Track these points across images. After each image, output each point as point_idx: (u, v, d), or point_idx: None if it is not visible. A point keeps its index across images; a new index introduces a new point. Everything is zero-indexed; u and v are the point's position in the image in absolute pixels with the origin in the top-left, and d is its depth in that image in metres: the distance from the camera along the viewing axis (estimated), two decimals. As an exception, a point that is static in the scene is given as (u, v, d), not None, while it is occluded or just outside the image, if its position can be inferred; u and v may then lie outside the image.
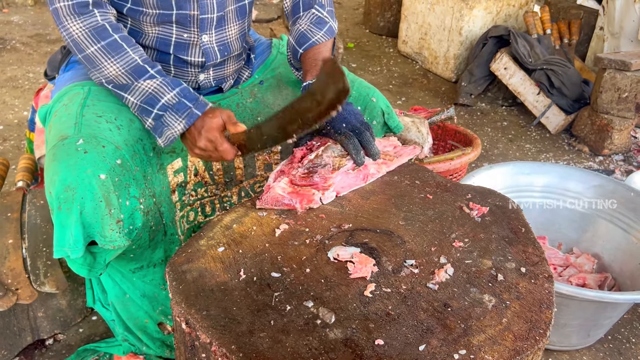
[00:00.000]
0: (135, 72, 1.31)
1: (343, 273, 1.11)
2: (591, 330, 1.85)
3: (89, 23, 1.29)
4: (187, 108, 1.32)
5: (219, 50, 1.51)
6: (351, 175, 1.38)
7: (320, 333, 0.97)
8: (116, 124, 1.34)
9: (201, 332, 0.97)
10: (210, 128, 1.30)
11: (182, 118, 1.31)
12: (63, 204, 1.17)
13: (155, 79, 1.32)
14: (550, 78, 3.43)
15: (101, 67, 1.31)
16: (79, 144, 1.24)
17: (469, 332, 0.98)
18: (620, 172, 3.06)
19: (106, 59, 1.30)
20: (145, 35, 1.44)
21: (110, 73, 1.31)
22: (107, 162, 1.23)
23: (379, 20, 5.09)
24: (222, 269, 1.11)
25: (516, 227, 1.28)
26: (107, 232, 1.20)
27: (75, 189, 1.17)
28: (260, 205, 1.29)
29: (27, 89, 3.67)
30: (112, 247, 1.22)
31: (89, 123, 1.31)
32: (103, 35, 1.30)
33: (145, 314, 1.58)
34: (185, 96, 1.33)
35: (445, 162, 2.23)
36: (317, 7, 1.54)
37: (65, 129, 1.30)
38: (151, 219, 1.38)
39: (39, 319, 1.73)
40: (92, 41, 1.29)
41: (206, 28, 1.45)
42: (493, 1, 3.96)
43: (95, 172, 1.20)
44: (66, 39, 1.31)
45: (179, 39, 1.45)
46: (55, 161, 1.21)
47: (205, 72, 1.54)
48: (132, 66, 1.31)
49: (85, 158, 1.21)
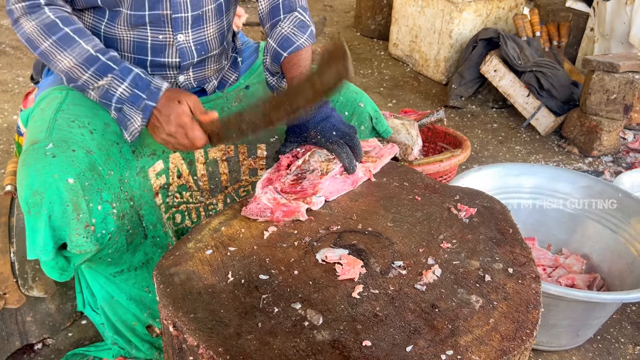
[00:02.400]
0: (88, 61, 1.31)
1: (331, 275, 1.11)
2: (580, 331, 1.86)
3: (41, 20, 1.30)
4: (140, 100, 1.32)
5: (196, 49, 1.48)
6: (339, 180, 1.38)
7: (308, 335, 0.97)
8: (89, 128, 1.34)
9: (188, 334, 0.97)
10: (179, 114, 1.29)
11: (138, 110, 1.32)
12: (32, 208, 1.18)
13: (108, 74, 1.32)
14: (539, 80, 3.45)
15: (56, 61, 1.31)
16: (48, 148, 1.24)
17: (456, 332, 0.98)
18: (609, 173, 3.08)
19: (59, 52, 1.30)
20: (121, 41, 1.42)
21: (65, 66, 1.31)
22: (76, 167, 1.23)
23: (370, 23, 5.10)
24: (209, 272, 1.11)
25: (504, 228, 1.29)
26: (73, 236, 1.21)
27: (42, 194, 1.18)
28: (245, 214, 1.27)
29: (16, 92, 3.65)
30: (78, 251, 1.23)
31: (60, 127, 1.31)
32: (54, 30, 1.30)
33: (133, 317, 1.58)
34: (137, 85, 1.32)
35: (434, 164, 2.24)
36: (299, 10, 1.50)
37: (37, 133, 1.30)
38: (128, 223, 1.37)
39: (28, 323, 1.72)
40: (45, 37, 1.30)
41: (180, 27, 1.43)
42: (482, 4, 3.98)
43: (63, 177, 1.20)
44: (21, 39, 1.33)
45: (154, 41, 1.43)
46: (25, 166, 1.22)
47: (184, 73, 1.52)
48: (85, 57, 1.31)
49: (53, 162, 1.21)
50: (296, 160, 1.37)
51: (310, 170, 1.34)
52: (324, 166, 1.36)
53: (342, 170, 1.38)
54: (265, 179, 1.35)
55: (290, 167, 1.36)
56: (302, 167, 1.35)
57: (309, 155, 1.37)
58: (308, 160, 1.36)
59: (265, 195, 1.29)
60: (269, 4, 1.51)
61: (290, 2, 1.49)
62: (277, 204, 1.27)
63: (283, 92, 1.15)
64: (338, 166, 1.37)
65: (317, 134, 1.38)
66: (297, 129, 1.40)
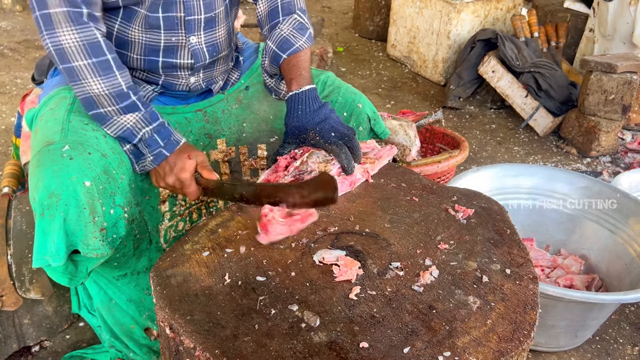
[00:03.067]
0: (119, 96, 1.29)
1: (328, 276, 1.11)
2: (579, 331, 1.86)
3: (85, 36, 1.24)
4: (157, 146, 1.34)
5: (207, 51, 1.50)
6: (337, 181, 1.37)
7: (305, 337, 0.97)
8: (102, 132, 1.33)
9: (185, 336, 0.96)
10: (183, 169, 1.33)
11: (151, 154, 1.34)
12: (46, 210, 1.15)
13: (134, 113, 1.31)
14: (537, 81, 3.45)
15: (84, 82, 1.27)
16: (65, 150, 1.22)
17: (453, 333, 0.98)
18: (607, 174, 3.08)
19: (92, 76, 1.26)
20: (133, 42, 1.42)
21: (93, 91, 1.27)
22: (92, 170, 1.22)
23: (368, 25, 5.10)
24: (206, 274, 1.11)
25: (501, 229, 1.28)
26: (90, 240, 1.19)
27: (59, 196, 1.15)
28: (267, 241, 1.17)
29: (14, 94, 3.64)
30: (94, 255, 1.21)
31: (75, 129, 1.30)
32: (96, 52, 1.25)
33: (132, 320, 1.57)
34: (159, 132, 1.34)
35: (432, 165, 2.24)
36: (298, 12, 1.51)
37: (52, 134, 1.28)
38: (136, 228, 1.37)
39: (25, 325, 1.72)
40: (84, 55, 1.24)
41: (193, 30, 1.44)
42: (481, 5, 3.98)
43: (80, 179, 1.18)
44: (49, 48, 1.25)
45: (167, 43, 1.44)
46: (40, 167, 1.20)
47: (195, 74, 1.53)
48: (116, 90, 1.29)
49: (71, 164, 1.19)
50: (294, 161, 1.37)
51: (308, 171, 1.34)
52: (322, 167, 1.35)
53: (340, 171, 1.38)
54: (263, 180, 1.35)
55: (288, 169, 1.36)
56: (300, 168, 1.35)
57: (307, 156, 1.37)
58: (306, 161, 1.36)
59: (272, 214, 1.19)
60: (267, 6, 1.51)
61: (289, 5, 1.50)
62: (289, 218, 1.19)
63: (277, 187, 1.20)
64: (336, 167, 1.37)
65: (316, 134, 1.39)
66: (295, 130, 1.41)
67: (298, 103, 1.41)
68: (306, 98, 1.41)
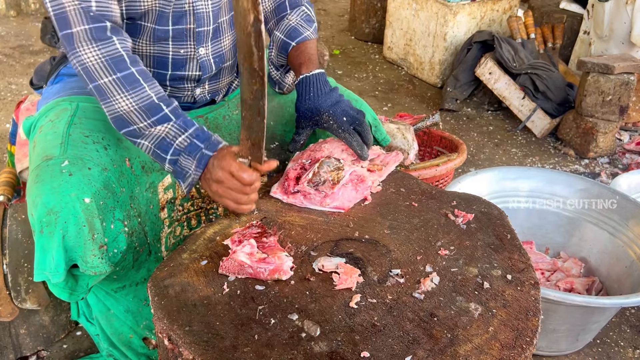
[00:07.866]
0: (150, 109, 1.23)
1: (328, 284, 1.10)
2: (580, 335, 1.85)
3: (108, 51, 1.20)
4: (198, 150, 1.24)
5: (214, 62, 1.49)
6: (349, 188, 1.37)
7: (305, 346, 0.95)
8: (103, 144, 1.31)
9: (184, 348, 0.95)
10: (222, 156, 1.22)
11: (194, 159, 1.24)
12: (45, 227, 1.14)
13: (168, 123, 1.25)
14: (534, 82, 3.45)
15: (112, 100, 1.21)
16: (64, 165, 1.20)
17: (455, 341, 0.97)
18: (605, 175, 3.08)
19: (119, 91, 1.21)
20: (141, 56, 1.38)
21: (122, 108, 1.22)
22: (92, 186, 1.20)
23: (364, 27, 5.09)
24: (205, 283, 1.10)
25: (502, 234, 1.27)
26: (88, 257, 1.18)
27: (58, 213, 1.14)
28: (222, 271, 1.12)
29: (9, 101, 3.62)
30: (92, 272, 1.20)
31: (75, 143, 1.27)
32: (120, 67, 1.21)
33: (130, 329, 1.56)
34: (197, 137, 1.26)
35: (431, 169, 2.23)
36: (306, 4, 1.56)
37: (51, 148, 1.26)
38: (136, 240, 1.35)
39: (22, 336, 1.70)
40: (107, 72, 1.20)
41: (203, 41, 1.43)
42: (477, 6, 3.98)
43: (80, 196, 1.16)
44: (77, 67, 1.21)
45: (175, 55, 1.42)
46: (39, 183, 1.18)
47: (201, 86, 1.52)
48: (146, 103, 1.23)
49: (70, 181, 1.17)
50: (304, 172, 1.38)
51: (322, 182, 1.35)
52: (334, 175, 1.36)
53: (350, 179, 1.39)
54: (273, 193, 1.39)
55: (298, 182, 1.36)
56: (314, 180, 1.35)
57: (317, 166, 1.37)
58: (318, 172, 1.36)
59: (242, 250, 1.14)
60: (273, 2, 1.56)
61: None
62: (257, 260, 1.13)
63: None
64: (348, 173, 1.38)
65: (330, 117, 1.40)
66: (308, 112, 1.42)
67: (309, 86, 1.42)
68: (317, 81, 1.43)
